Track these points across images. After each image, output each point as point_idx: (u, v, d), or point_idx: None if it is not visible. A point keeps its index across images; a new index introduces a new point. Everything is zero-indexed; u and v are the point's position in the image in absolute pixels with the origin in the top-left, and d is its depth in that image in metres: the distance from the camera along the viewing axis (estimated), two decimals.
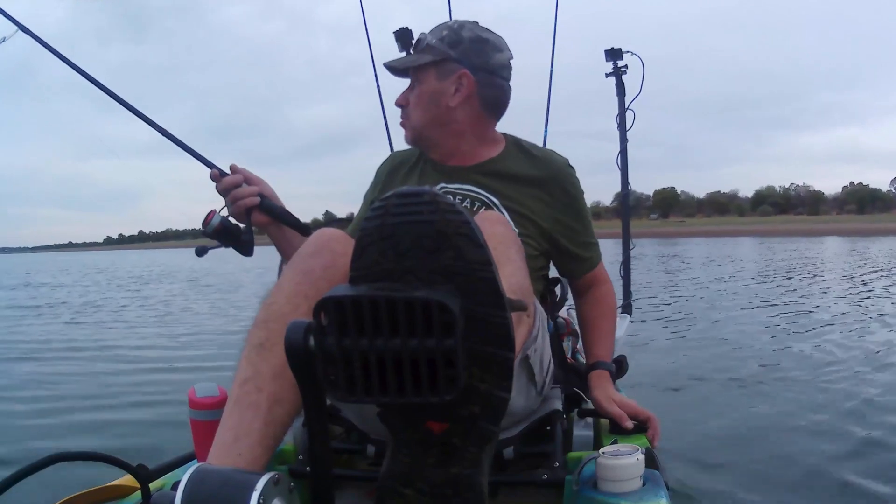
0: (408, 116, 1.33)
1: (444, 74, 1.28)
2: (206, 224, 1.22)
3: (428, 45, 1.28)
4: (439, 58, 1.27)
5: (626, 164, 2.72)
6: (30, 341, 6.57)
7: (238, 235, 1.23)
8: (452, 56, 1.27)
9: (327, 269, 0.86)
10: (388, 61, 1.34)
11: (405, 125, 1.35)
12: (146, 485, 1.01)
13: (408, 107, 1.33)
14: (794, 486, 2.34)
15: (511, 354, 0.59)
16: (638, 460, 0.92)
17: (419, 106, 1.30)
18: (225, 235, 1.23)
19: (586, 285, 1.42)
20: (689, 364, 4.57)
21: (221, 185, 1.22)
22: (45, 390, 4.15)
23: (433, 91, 1.28)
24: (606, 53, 2.67)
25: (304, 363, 0.60)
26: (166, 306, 10.23)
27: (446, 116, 1.30)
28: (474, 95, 1.29)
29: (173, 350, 5.78)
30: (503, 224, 0.94)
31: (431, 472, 0.62)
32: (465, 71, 1.27)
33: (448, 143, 1.33)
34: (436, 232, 0.58)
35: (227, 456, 0.79)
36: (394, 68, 1.34)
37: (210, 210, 1.22)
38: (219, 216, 1.22)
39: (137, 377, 4.49)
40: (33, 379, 4.59)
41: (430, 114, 1.30)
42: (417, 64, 1.28)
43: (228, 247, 1.25)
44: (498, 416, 0.61)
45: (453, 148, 1.34)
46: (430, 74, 1.28)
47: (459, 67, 1.27)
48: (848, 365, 4.27)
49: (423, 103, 1.30)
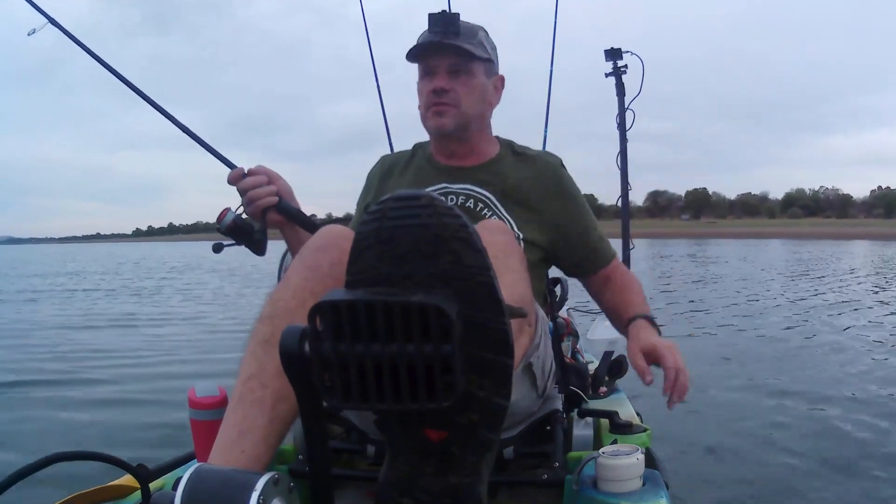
0: (456, 102, 1.26)
1: (489, 73, 1.31)
2: (219, 221, 1.23)
3: (480, 41, 1.27)
4: (488, 56, 1.29)
5: (625, 164, 2.71)
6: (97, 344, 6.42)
7: (251, 234, 1.24)
8: (493, 58, 1.31)
9: (334, 265, 0.85)
10: (445, 40, 1.23)
11: (447, 110, 1.26)
12: (146, 485, 1.01)
13: (450, 92, 1.26)
14: (795, 485, 2.34)
15: (510, 361, 0.58)
16: (638, 460, 0.92)
17: (472, 96, 1.28)
18: (238, 233, 1.23)
19: (606, 277, 1.35)
20: (695, 359, 4.57)
21: (242, 185, 1.22)
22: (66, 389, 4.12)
23: (484, 86, 1.30)
24: (606, 53, 2.66)
25: (299, 369, 0.60)
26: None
27: (485, 114, 1.34)
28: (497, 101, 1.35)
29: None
30: (504, 232, 0.93)
31: (430, 481, 0.61)
32: (503, 76, 1.34)
33: (472, 140, 1.34)
34: (433, 236, 0.57)
35: (231, 453, 0.79)
36: (434, 45, 1.24)
37: (224, 207, 1.23)
38: (232, 214, 1.23)
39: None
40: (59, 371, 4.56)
41: (478, 107, 1.30)
42: (482, 56, 1.27)
43: (241, 244, 1.25)
44: (497, 424, 0.60)
45: (467, 147, 1.34)
46: (481, 69, 1.28)
47: (496, 69, 1.33)
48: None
49: (477, 94, 1.29)
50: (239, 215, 1.23)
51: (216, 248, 1.25)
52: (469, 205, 1.29)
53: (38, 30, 1.33)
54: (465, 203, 1.29)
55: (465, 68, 1.26)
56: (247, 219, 1.24)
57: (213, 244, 1.25)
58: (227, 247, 1.25)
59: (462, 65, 1.25)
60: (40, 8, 1.33)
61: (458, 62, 1.25)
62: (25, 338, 6.49)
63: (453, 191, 1.31)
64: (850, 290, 9.62)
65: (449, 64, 1.25)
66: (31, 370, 4.74)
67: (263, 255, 1.27)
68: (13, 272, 21.17)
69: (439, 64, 1.26)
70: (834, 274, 13.05)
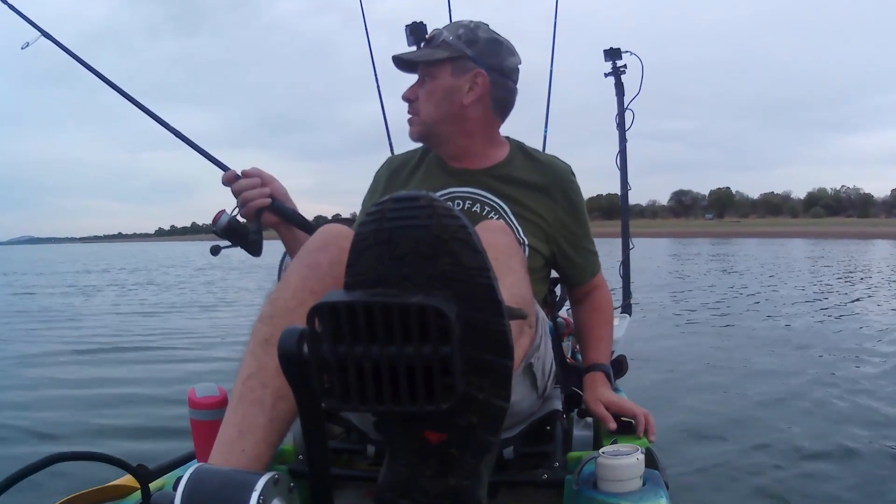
0: (417, 111, 1.31)
1: (459, 71, 1.27)
2: (214, 223, 1.24)
3: (444, 41, 1.27)
4: (456, 54, 1.26)
5: (625, 164, 2.72)
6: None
7: (245, 235, 1.25)
8: (469, 54, 1.27)
9: (334, 264, 0.85)
10: (400, 53, 1.31)
11: (413, 120, 1.33)
12: (146, 485, 1.01)
13: (416, 101, 1.31)
14: (795, 485, 2.33)
15: (510, 363, 0.58)
16: (638, 460, 0.92)
17: (431, 101, 1.29)
18: (233, 235, 1.24)
19: (584, 293, 1.41)
20: (701, 356, 4.58)
21: (235, 187, 1.23)
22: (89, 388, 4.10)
23: (447, 87, 1.27)
24: (605, 53, 2.67)
25: (298, 370, 0.60)
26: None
27: (459, 114, 1.29)
28: (487, 96, 1.29)
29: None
30: (506, 234, 0.93)
31: (429, 483, 0.61)
32: (481, 70, 1.27)
33: (457, 142, 1.32)
34: (433, 237, 0.57)
35: (231, 452, 0.79)
36: (404, 61, 1.31)
37: (219, 210, 1.24)
38: (227, 216, 1.24)
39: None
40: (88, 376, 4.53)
41: (442, 110, 1.29)
42: (433, 58, 1.27)
43: (237, 246, 1.26)
44: (497, 426, 0.60)
45: (463, 148, 1.33)
46: (445, 70, 1.27)
47: (475, 66, 1.27)
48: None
49: (436, 99, 1.28)
50: (234, 217, 1.24)
51: (213, 250, 1.25)
52: (476, 209, 1.29)
53: (31, 43, 1.33)
54: (471, 207, 1.29)
55: (428, 73, 1.29)
56: (242, 221, 1.25)
57: (211, 247, 1.25)
58: (223, 249, 1.26)
59: (425, 72, 1.29)
60: (32, 21, 1.33)
61: (423, 70, 1.29)
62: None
63: (460, 195, 1.31)
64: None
65: (420, 73, 1.31)
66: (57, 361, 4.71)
67: (259, 256, 1.28)
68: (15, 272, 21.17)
69: (418, 74, 1.31)
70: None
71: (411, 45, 1.30)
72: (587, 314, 1.40)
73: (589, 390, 1.27)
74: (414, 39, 1.29)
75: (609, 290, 1.44)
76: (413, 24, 1.29)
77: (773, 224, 79.20)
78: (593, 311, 1.40)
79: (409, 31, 1.29)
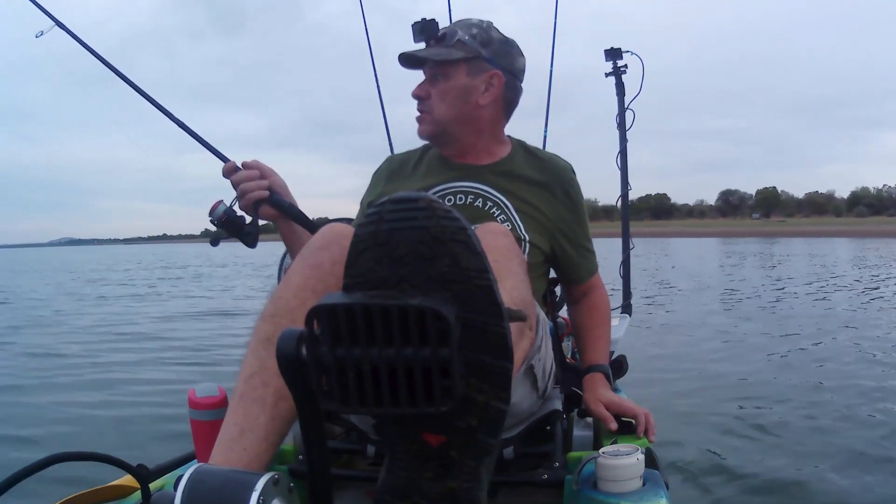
0: (429, 109, 1.30)
1: (475, 72, 1.27)
2: (211, 213, 1.24)
3: (459, 40, 1.26)
4: (471, 55, 1.26)
5: (625, 164, 2.72)
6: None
7: (241, 226, 1.25)
8: (484, 55, 1.27)
9: (336, 263, 0.84)
10: (411, 51, 1.29)
11: (424, 118, 1.32)
12: (146, 485, 1.01)
13: (428, 99, 1.30)
14: (796, 485, 2.33)
15: (509, 365, 0.58)
16: (638, 460, 0.92)
17: (445, 100, 1.28)
18: (229, 225, 1.25)
19: (582, 292, 1.41)
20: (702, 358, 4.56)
21: (234, 178, 1.24)
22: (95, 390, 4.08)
23: (463, 87, 1.27)
24: (606, 53, 2.66)
25: (297, 372, 0.60)
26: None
27: (473, 114, 1.29)
28: (500, 96, 1.30)
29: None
30: (506, 236, 0.93)
31: (429, 486, 0.61)
32: (497, 72, 1.28)
33: (467, 141, 1.32)
34: (431, 238, 0.57)
35: (232, 451, 0.79)
36: (410, 57, 1.30)
37: (217, 200, 1.25)
38: (224, 206, 1.24)
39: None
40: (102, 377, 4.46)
41: (456, 110, 1.28)
42: (451, 58, 1.26)
43: (233, 237, 1.27)
44: (497, 429, 0.60)
45: (470, 146, 1.33)
46: (461, 70, 1.27)
47: (490, 67, 1.27)
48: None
49: (451, 98, 1.28)
50: (231, 208, 1.25)
51: (213, 241, 1.28)
52: (478, 203, 1.29)
53: (45, 32, 1.34)
54: (473, 202, 1.29)
55: (442, 72, 1.28)
56: (239, 212, 1.25)
57: (210, 238, 1.27)
58: (222, 241, 1.27)
59: (437, 70, 1.28)
60: (46, 10, 1.34)
61: (435, 68, 1.28)
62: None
63: (463, 188, 1.31)
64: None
65: (430, 71, 1.29)
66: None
67: (254, 248, 1.28)
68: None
69: (426, 71, 1.30)
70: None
71: (419, 42, 1.29)
72: (585, 314, 1.40)
73: (589, 390, 1.26)
74: (424, 37, 1.28)
75: (606, 291, 1.44)
76: (423, 22, 1.28)
77: (818, 223, 79.04)
78: (591, 311, 1.40)
79: (418, 28, 1.28)
